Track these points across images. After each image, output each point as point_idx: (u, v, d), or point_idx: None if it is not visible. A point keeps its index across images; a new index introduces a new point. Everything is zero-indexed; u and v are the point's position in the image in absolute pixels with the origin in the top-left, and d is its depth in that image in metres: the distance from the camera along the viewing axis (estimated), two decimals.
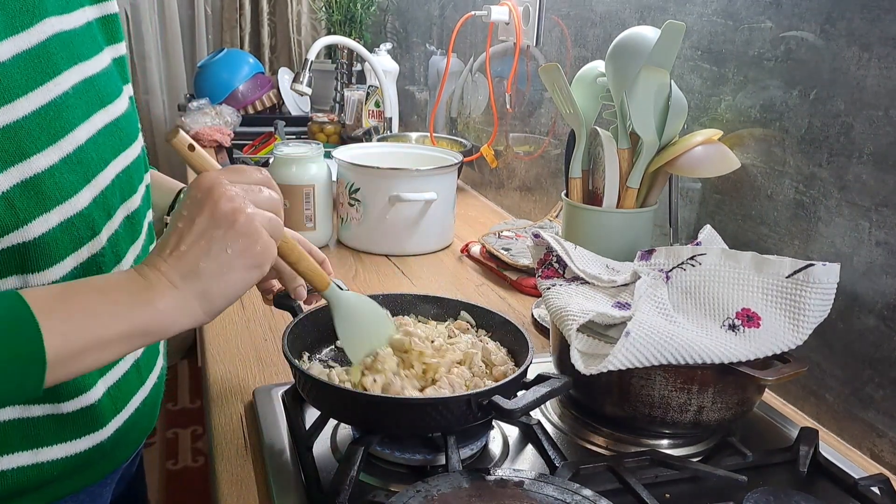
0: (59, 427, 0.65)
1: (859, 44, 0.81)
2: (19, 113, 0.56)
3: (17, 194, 0.56)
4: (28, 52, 0.58)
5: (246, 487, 0.74)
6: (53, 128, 0.59)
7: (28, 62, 0.58)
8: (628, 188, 0.98)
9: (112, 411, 0.70)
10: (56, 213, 0.59)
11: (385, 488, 0.70)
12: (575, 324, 0.76)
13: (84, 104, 0.64)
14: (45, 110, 0.59)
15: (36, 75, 0.58)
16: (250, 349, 1.02)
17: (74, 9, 0.65)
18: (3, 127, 0.55)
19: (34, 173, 0.57)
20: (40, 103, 0.58)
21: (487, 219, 1.68)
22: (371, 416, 0.71)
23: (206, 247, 0.57)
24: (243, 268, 0.58)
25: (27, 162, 0.56)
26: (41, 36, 0.59)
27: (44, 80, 0.59)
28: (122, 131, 0.70)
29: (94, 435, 0.68)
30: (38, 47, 0.59)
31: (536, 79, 1.58)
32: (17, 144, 0.56)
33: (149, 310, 0.56)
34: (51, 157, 0.58)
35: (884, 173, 0.80)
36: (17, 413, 0.62)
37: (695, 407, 0.76)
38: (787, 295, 0.76)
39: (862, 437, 0.84)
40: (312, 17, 3.13)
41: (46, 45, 0.60)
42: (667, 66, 0.94)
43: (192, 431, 2.57)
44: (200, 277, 0.57)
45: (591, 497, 0.61)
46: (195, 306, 0.57)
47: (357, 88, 2.20)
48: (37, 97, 0.58)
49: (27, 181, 0.56)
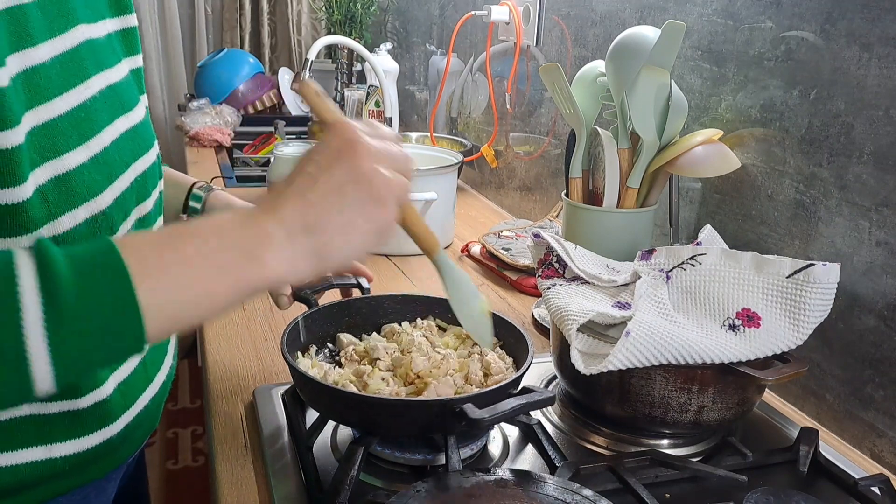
0: (73, 423, 0.66)
1: (860, 44, 0.81)
2: (56, 112, 0.58)
3: (51, 189, 0.57)
4: (63, 56, 0.60)
5: (246, 487, 0.74)
6: (83, 129, 0.61)
7: (64, 65, 0.60)
8: (628, 188, 0.98)
9: (122, 407, 0.70)
10: (83, 209, 0.60)
11: (385, 488, 0.70)
12: (575, 324, 0.76)
13: (109, 109, 0.66)
14: (76, 111, 0.60)
15: (70, 77, 0.60)
16: (250, 349, 1.02)
17: (98, 20, 0.68)
18: (42, 124, 0.57)
19: (66, 170, 0.58)
20: (73, 104, 0.60)
21: (487, 219, 1.68)
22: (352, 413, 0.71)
23: (338, 202, 0.53)
24: (366, 232, 0.55)
25: (60, 159, 0.58)
26: (74, 41, 0.62)
27: (76, 83, 0.61)
28: (140, 137, 0.72)
29: (104, 430, 0.69)
30: (71, 51, 0.61)
31: (537, 79, 1.58)
32: (53, 141, 0.57)
33: (258, 266, 0.52)
34: (80, 155, 0.60)
35: (884, 173, 0.80)
36: (33, 409, 0.63)
37: (695, 407, 0.76)
38: (788, 295, 0.76)
39: (862, 437, 0.84)
40: (312, 17, 3.13)
41: (78, 50, 0.62)
42: (667, 65, 0.94)
43: (192, 431, 2.57)
44: (323, 233, 0.53)
45: (591, 497, 0.61)
46: (306, 264, 0.53)
47: (357, 88, 2.20)
48: (71, 98, 0.60)
49: (60, 177, 0.58)
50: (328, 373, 0.78)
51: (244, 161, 2.06)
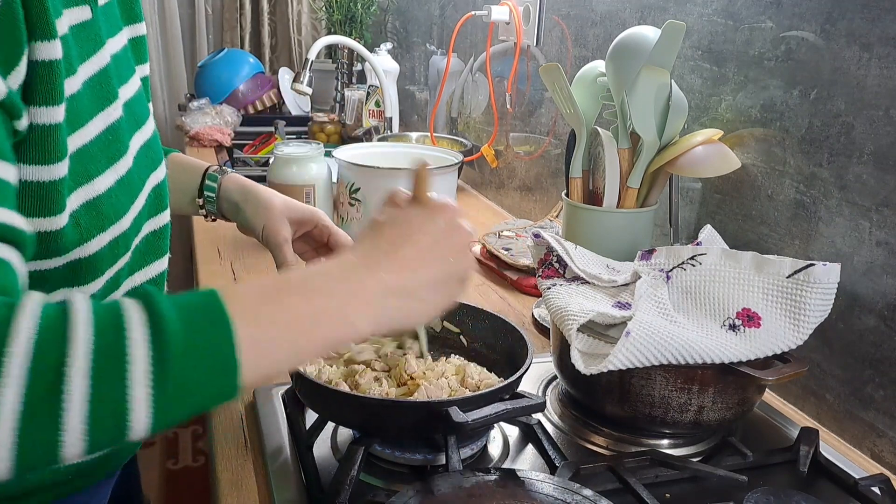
0: None
1: (860, 44, 0.81)
2: (88, 137, 0.59)
3: (83, 214, 0.58)
4: (94, 79, 0.60)
5: (246, 487, 0.74)
6: (111, 151, 0.62)
7: (94, 88, 0.60)
8: (629, 188, 0.98)
9: None
10: (109, 232, 0.61)
11: (385, 488, 0.70)
12: (575, 324, 0.76)
13: (127, 127, 0.66)
14: (105, 134, 0.61)
15: (99, 101, 0.61)
16: None
17: (115, 34, 0.67)
18: (77, 151, 0.57)
19: (97, 194, 0.59)
20: (102, 128, 0.61)
21: (488, 219, 1.68)
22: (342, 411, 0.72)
23: (437, 276, 0.57)
24: (440, 306, 0.58)
25: (91, 184, 0.59)
26: (103, 62, 0.62)
27: (105, 105, 0.61)
28: (153, 151, 0.72)
29: None
30: (101, 72, 0.61)
31: (537, 78, 1.58)
32: (86, 167, 0.58)
33: (349, 329, 0.53)
34: (109, 178, 0.61)
35: (884, 173, 0.80)
36: None
37: (695, 407, 0.76)
38: (788, 295, 0.76)
39: (862, 437, 0.84)
40: (313, 17, 3.12)
41: (108, 70, 0.62)
42: (667, 65, 0.94)
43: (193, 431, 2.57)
44: (413, 299, 0.56)
45: (592, 497, 0.61)
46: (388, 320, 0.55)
47: (357, 88, 2.20)
48: (99, 122, 0.60)
49: (91, 202, 0.59)
50: (322, 370, 0.78)
51: (244, 161, 2.06)
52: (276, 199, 0.86)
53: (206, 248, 1.38)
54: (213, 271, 1.28)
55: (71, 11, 0.58)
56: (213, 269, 1.29)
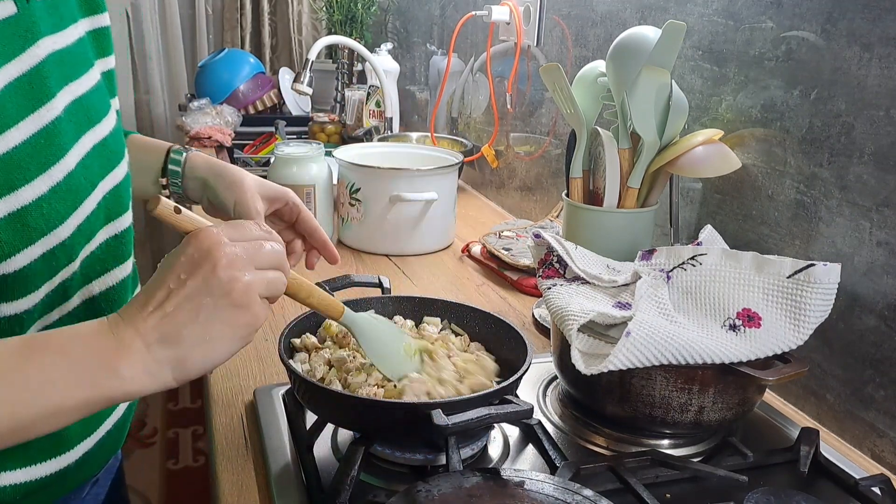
0: (23, 450, 0.62)
1: (860, 44, 0.81)
2: (9, 144, 0.53)
3: (3, 227, 0.53)
4: (20, 79, 0.55)
5: (246, 487, 0.74)
6: (44, 156, 0.57)
7: (20, 89, 0.55)
8: (629, 188, 0.98)
9: (81, 435, 0.67)
10: (40, 245, 0.56)
11: (385, 488, 0.70)
12: (576, 324, 0.76)
13: (74, 126, 0.61)
14: (36, 138, 0.56)
15: (28, 102, 0.56)
16: (250, 349, 1.02)
17: (68, 25, 0.63)
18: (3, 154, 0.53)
19: (21, 206, 0.54)
20: (32, 131, 0.56)
21: (488, 219, 1.68)
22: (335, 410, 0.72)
23: (195, 313, 0.52)
24: (229, 339, 0.54)
25: (14, 195, 0.54)
26: (35, 60, 0.57)
27: (36, 107, 0.56)
28: (110, 150, 0.68)
29: (60, 458, 0.65)
30: (31, 72, 0.56)
31: (537, 79, 1.58)
32: (6, 177, 0.53)
33: (114, 379, 0.51)
34: (39, 187, 0.56)
35: (885, 173, 0.80)
36: None
37: (695, 407, 0.76)
38: (788, 295, 0.76)
39: (863, 438, 0.84)
40: (313, 17, 3.13)
41: (40, 69, 0.57)
42: (667, 65, 0.94)
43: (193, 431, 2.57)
44: (181, 345, 0.52)
45: (592, 497, 0.61)
46: (166, 373, 0.52)
47: (358, 88, 2.20)
48: (28, 126, 0.55)
49: (13, 214, 0.54)
50: (316, 369, 0.78)
51: (245, 161, 2.06)
52: (246, 176, 0.84)
53: None
54: None
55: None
56: None
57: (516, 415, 0.68)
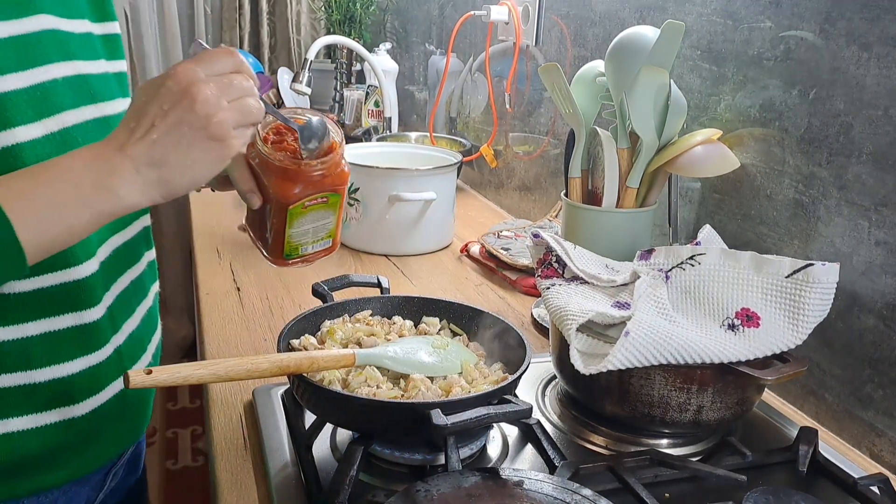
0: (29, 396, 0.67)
1: (859, 43, 0.81)
2: (7, 87, 0.61)
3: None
4: (18, 38, 0.63)
5: (245, 487, 0.74)
6: (40, 107, 0.64)
7: (18, 46, 0.63)
8: (628, 188, 0.98)
9: (87, 392, 0.71)
10: None
11: (385, 488, 0.70)
12: (574, 323, 0.76)
13: (73, 95, 0.68)
14: (32, 90, 0.64)
15: (25, 59, 0.64)
16: (250, 349, 1.02)
17: (74, 17, 0.71)
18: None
19: (16, 142, 0.62)
20: (28, 83, 0.63)
21: (487, 218, 1.68)
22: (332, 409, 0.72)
23: (177, 141, 0.59)
24: (208, 163, 0.61)
25: (11, 131, 0.61)
26: (32, 27, 0.65)
27: (32, 65, 0.64)
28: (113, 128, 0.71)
29: (65, 409, 0.69)
30: (29, 36, 0.64)
31: (536, 78, 1.58)
32: (2, 114, 0.61)
33: (112, 197, 0.59)
34: (34, 131, 0.63)
35: (883, 173, 0.80)
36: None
37: (694, 406, 0.76)
38: (787, 295, 0.76)
39: (861, 437, 0.84)
40: (312, 17, 3.12)
41: (39, 37, 0.65)
42: (666, 65, 0.94)
43: (192, 431, 2.57)
44: (165, 167, 0.60)
45: (591, 497, 0.61)
46: (155, 191, 0.60)
47: (356, 88, 2.20)
48: (26, 77, 0.63)
49: (7, 148, 0.61)
50: None
51: None
52: None
53: (205, 249, 1.38)
54: (213, 271, 1.28)
55: None
56: (213, 270, 1.29)
57: (515, 414, 0.68)
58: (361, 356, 0.74)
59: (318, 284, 0.89)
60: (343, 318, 0.86)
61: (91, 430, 0.72)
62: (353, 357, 0.73)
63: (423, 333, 0.85)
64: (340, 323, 0.85)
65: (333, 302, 0.87)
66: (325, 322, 0.85)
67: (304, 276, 1.25)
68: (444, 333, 0.86)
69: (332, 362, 0.72)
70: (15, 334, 0.65)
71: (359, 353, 0.74)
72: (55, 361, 0.68)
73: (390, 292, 0.90)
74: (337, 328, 0.83)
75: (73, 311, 0.69)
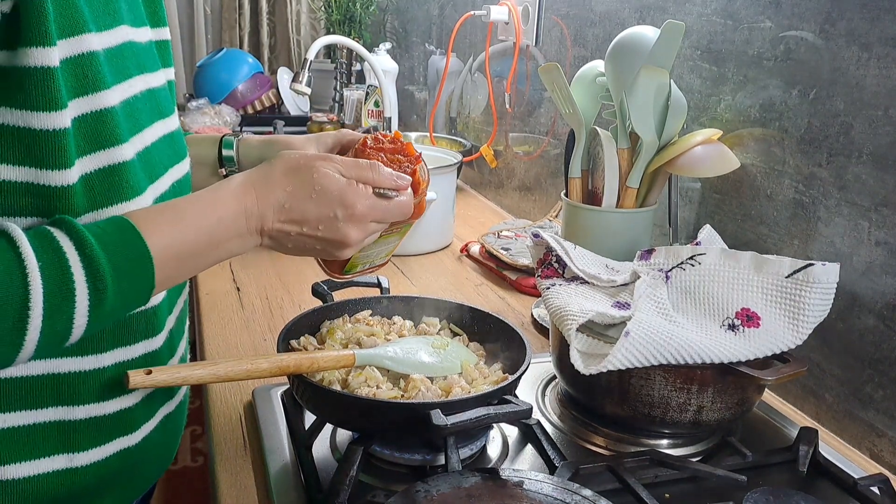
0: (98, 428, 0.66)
1: (859, 44, 0.81)
2: (109, 102, 0.60)
3: (98, 179, 0.60)
4: (110, 51, 0.62)
5: (245, 487, 0.74)
6: (131, 123, 0.64)
7: (111, 59, 0.62)
8: (628, 188, 0.98)
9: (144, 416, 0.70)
10: (132, 204, 0.63)
11: (385, 488, 0.70)
12: (574, 324, 0.76)
13: (149, 111, 0.68)
14: (125, 105, 0.63)
15: (117, 72, 0.63)
16: (250, 349, 1.02)
17: (140, 25, 0.70)
18: (96, 112, 0.59)
19: (123, 160, 0.61)
20: (123, 97, 0.63)
21: (487, 219, 1.68)
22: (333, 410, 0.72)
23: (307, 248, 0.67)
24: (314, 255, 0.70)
25: (119, 148, 0.61)
26: (118, 39, 0.64)
27: (122, 79, 0.64)
28: (178, 144, 0.74)
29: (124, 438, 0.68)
30: (116, 49, 0.63)
31: (536, 78, 1.58)
32: (112, 130, 0.60)
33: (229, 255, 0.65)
34: (129, 150, 0.63)
35: (883, 173, 0.80)
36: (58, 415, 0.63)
37: (694, 407, 0.76)
38: (787, 295, 0.76)
39: (862, 437, 0.84)
40: (312, 17, 3.12)
41: (122, 49, 0.64)
42: (666, 65, 0.94)
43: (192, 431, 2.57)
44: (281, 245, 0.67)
45: (591, 497, 0.61)
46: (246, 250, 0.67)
47: (356, 88, 2.20)
48: (121, 91, 0.63)
49: (108, 168, 0.61)
50: None
51: None
52: (297, 137, 0.89)
53: None
54: (212, 271, 1.28)
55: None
56: (212, 270, 1.29)
57: (515, 415, 0.68)
58: (361, 356, 0.74)
59: (318, 284, 0.89)
60: (343, 318, 0.86)
61: (142, 459, 0.71)
62: (353, 357, 0.73)
63: (423, 333, 0.85)
64: (340, 323, 0.85)
65: (333, 302, 0.87)
66: (325, 322, 0.85)
67: (304, 276, 1.25)
68: (444, 333, 0.86)
69: (332, 362, 0.72)
70: (92, 365, 0.64)
71: (359, 354, 0.74)
72: (125, 392, 0.67)
73: (390, 292, 0.90)
74: (337, 328, 0.83)
75: (145, 339, 0.68)
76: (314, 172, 0.65)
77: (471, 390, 0.74)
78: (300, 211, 0.65)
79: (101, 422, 0.66)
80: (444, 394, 0.74)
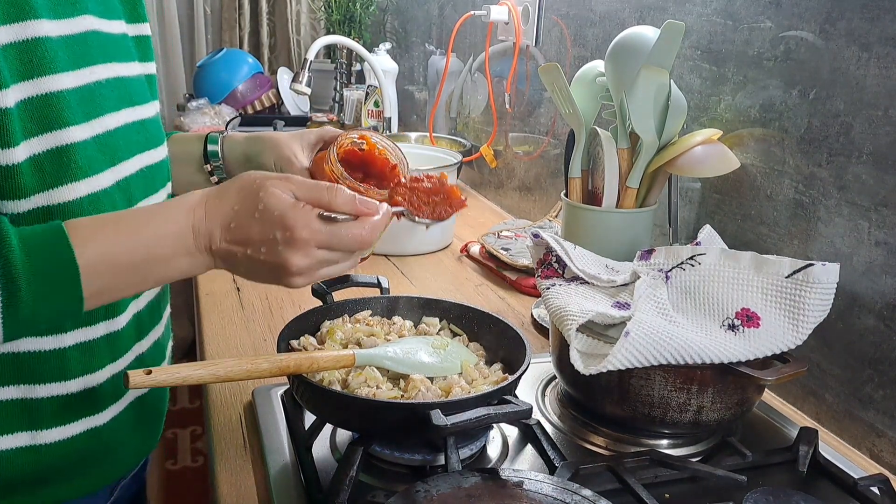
0: (63, 407, 0.67)
1: (859, 43, 0.81)
2: (62, 85, 0.61)
3: (48, 159, 0.60)
4: (68, 38, 0.63)
5: (245, 487, 0.74)
6: (88, 108, 0.65)
7: (69, 46, 0.63)
8: (628, 188, 0.98)
9: (110, 399, 0.71)
10: (84, 184, 0.63)
11: (385, 488, 0.70)
12: (574, 324, 0.76)
13: (115, 97, 0.69)
14: (81, 90, 0.64)
15: (76, 59, 0.64)
16: (250, 349, 1.01)
17: (112, 18, 0.71)
18: (45, 94, 0.60)
19: (71, 142, 0.62)
20: (78, 83, 0.64)
21: (487, 219, 1.68)
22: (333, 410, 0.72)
23: (255, 271, 0.65)
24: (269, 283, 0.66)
25: (67, 130, 0.61)
26: (79, 28, 0.65)
27: (81, 66, 0.65)
28: (149, 132, 0.74)
29: (90, 419, 0.69)
30: (77, 36, 0.64)
31: (536, 78, 1.58)
32: (58, 113, 0.61)
33: (180, 274, 0.64)
34: (84, 132, 0.63)
35: (883, 173, 0.80)
36: (20, 393, 0.64)
37: (694, 407, 0.75)
38: (787, 295, 0.76)
39: (861, 437, 0.84)
40: (312, 17, 3.12)
41: (85, 38, 0.66)
42: (666, 65, 0.94)
43: (192, 431, 2.57)
44: (232, 266, 0.65)
45: (591, 497, 0.61)
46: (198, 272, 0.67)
47: (356, 88, 2.20)
48: (76, 77, 0.64)
49: (60, 148, 0.61)
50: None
51: None
52: (282, 134, 0.90)
53: None
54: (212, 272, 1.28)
55: None
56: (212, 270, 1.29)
57: (515, 415, 0.68)
58: (361, 356, 0.74)
59: (318, 284, 0.89)
60: (343, 319, 0.86)
61: (112, 440, 0.72)
62: (353, 357, 0.73)
63: (423, 334, 0.85)
64: (340, 323, 0.85)
65: (333, 302, 0.87)
66: (324, 322, 0.85)
67: None
68: (444, 333, 0.86)
69: (332, 363, 0.72)
70: (52, 345, 0.65)
71: (359, 354, 0.74)
72: (89, 371, 0.68)
73: (390, 292, 0.90)
74: (337, 328, 0.83)
75: (105, 320, 0.69)
76: (261, 191, 0.63)
77: (471, 390, 0.74)
78: (244, 230, 0.63)
79: (65, 400, 0.67)
80: (444, 394, 0.74)
